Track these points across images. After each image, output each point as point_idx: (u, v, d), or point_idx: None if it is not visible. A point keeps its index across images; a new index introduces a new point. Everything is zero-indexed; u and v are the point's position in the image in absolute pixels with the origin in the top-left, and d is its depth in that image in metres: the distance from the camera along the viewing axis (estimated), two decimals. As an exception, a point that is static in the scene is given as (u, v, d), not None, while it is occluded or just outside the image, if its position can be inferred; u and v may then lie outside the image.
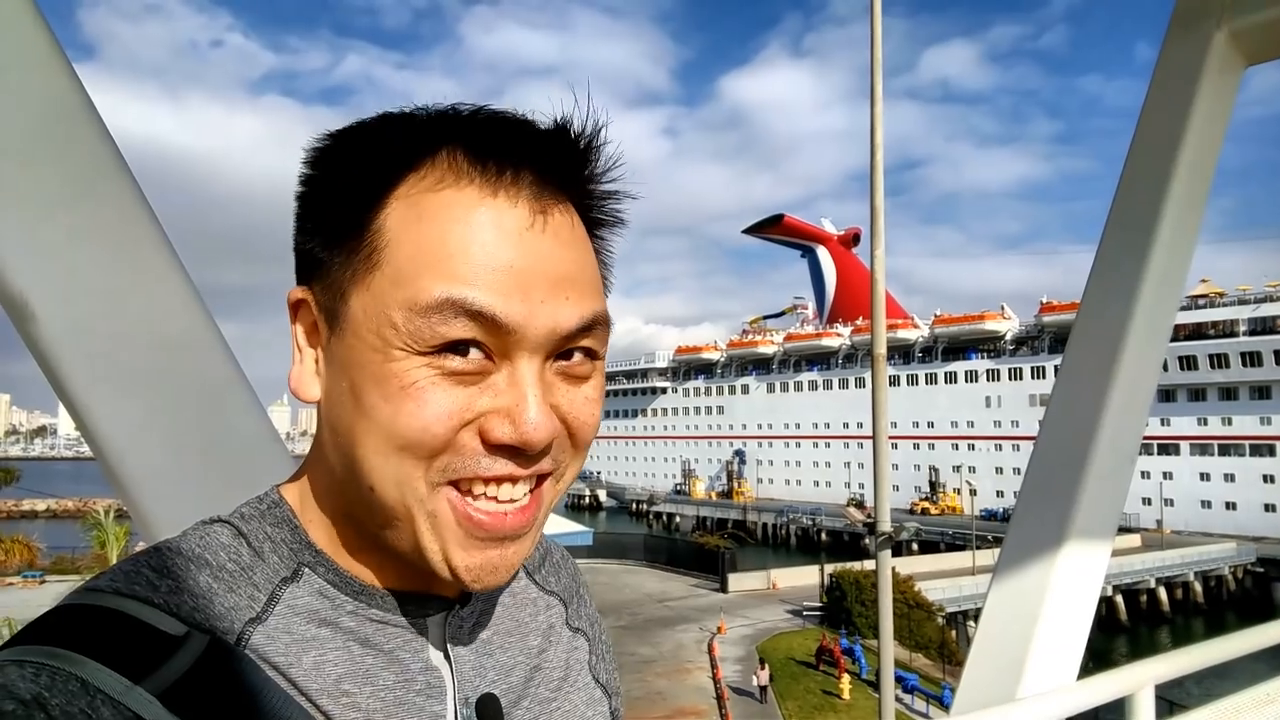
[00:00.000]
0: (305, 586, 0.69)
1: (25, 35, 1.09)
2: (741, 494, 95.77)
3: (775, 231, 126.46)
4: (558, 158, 0.67)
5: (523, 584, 0.86)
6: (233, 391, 1.24)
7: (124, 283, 1.15)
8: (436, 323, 0.61)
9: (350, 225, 0.65)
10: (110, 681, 0.55)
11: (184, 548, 0.67)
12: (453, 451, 0.64)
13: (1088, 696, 1.92)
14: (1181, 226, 2.36)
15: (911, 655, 31.32)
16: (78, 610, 0.60)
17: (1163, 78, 2.43)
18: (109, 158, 1.14)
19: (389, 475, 0.64)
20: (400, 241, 0.63)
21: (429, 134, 0.65)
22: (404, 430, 0.62)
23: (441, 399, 0.62)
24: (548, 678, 0.82)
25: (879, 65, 10.12)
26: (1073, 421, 2.27)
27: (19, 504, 71.76)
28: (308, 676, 0.65)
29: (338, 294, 0.66)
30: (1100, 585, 2.24)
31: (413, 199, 0.64)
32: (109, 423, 1.14)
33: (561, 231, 0.66)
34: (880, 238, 10.49)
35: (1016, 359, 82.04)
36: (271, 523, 0.72)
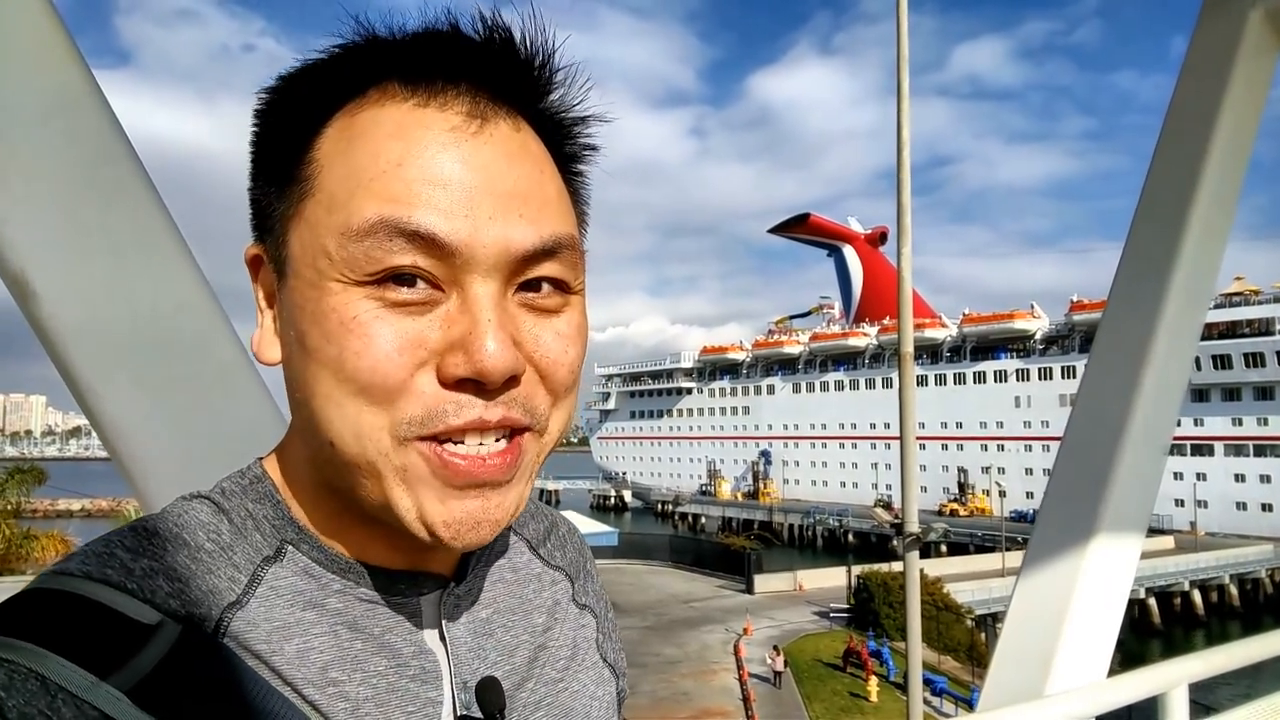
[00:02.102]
0: (289, 565, 0.64)
1: (35, 24, 1.09)
2: (767, 495, 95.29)
3: (801, 231, 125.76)
4: (496, 66, 0.62)
5: (525, 558, 0.81)
6: (242, 379, 1.24)
7: (133, 271, 1.15)
8: (372, 247, 0.56)
9: (289, 161, 0.62)
10: (74, 677, 0.51)
11: (160, 527, 0.62)
12: (412, 399, 0.58)
13: (1118, 694, 1.87)
14: (1213, 219, 2.30)
15: (940, 658, 31.02)
16: (43, 596, 0.55)
17: (1195, 62, 2.38)
18: (118, 146, 1.14)
19: (346, 427, 0.59)
20: (332, 165, 0.60)
21: (363, 62, 0.61)
22: (352, 371, 0.57)
23: (387, 333, 0.57)
24: (554, 657, 0.77)
25: (905, 62, 10.04)
26: (1100, 419, 2.22)
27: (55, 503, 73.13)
28: (292, 665, 0.60)
29: (280, 237, 0.62)
30: (1130, 584, 2.19)
31: (345, 122, 0.61)
32: (117, 411, 1.14)
33: (509, 144, 0.61)
34: (907, 236, 10.41)
35: (1047, 358, 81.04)
36: (254, 498, 0.67)
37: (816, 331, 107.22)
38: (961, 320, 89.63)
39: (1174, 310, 2.23)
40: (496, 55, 0.62)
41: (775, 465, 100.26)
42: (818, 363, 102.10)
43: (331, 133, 0.61)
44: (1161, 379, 2.21)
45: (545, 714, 0.74)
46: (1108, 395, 2.23)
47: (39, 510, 56.49)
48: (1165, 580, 50.58)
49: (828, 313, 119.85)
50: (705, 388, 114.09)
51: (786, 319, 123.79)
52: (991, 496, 74.60)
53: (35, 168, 1.09)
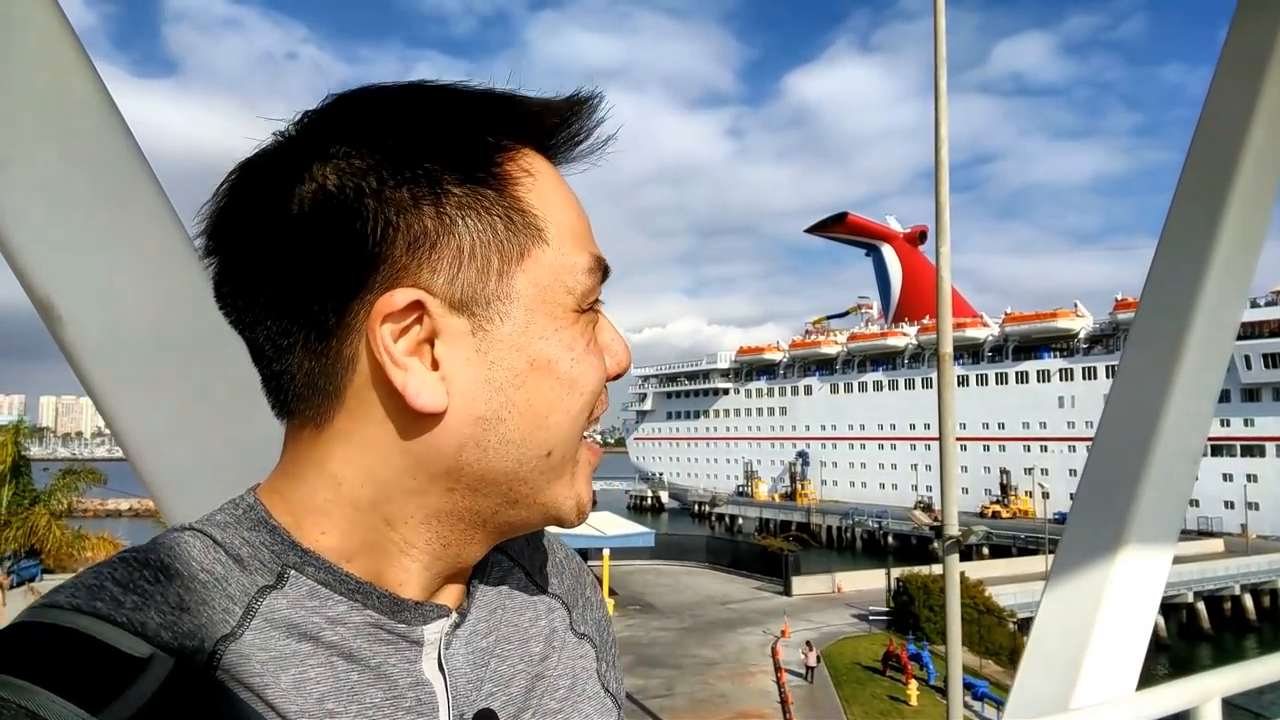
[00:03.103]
0: (290, 593, 0.64)
1: (46, 39, 1.11)
2: (805, 496, 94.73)
3: (839, 230, 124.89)
4: (586, 132, 0.71)
5: (522, 585, 0.81)
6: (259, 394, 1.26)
7: (148, 284, 1.17)
8: (593, 280, 0.68)
9: (507, 210, 0.66)
10: (65, 714, 0.50)
11: (152, 558, 0.62)
12: None
13: (1147, 708, 1.84)
14: (1249, 217, 2.25)
15: (981, 662, 30.61)
16: (31, 630, 0.55)
17: (1230, 58, 2.32)
18: (132, 159, 1.16)
19: (575, 433, 0.68)
20: (541, 207, 0.67)
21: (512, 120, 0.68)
22: (594, 384, 0.68)
23: (597, 347, 0.69)
24: (552, 687, 0.77)
25: (942, 61, 9.95)
26: (1132, 421, 2.18)
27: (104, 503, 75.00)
28: (287, 697, 0.60)
29: (485, 278, 0.64)
30: (1160, 592, 2.14)
31: (518, 170, 0.67)
32: (137, 425, 1.17)
33: None
34: (946, 234, 10.30)
35: (1091, 358, 79.61)
36: (249, 526, 0.66)
37: (855, 331, 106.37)
38: (1004, 319, 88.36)
39: (1208, 311, 2.18)
40: (585, 122, 0.71)
41: (813, 466, 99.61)
42: (856, 363, 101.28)
43: (527, 177, 0.67)
44: (1195, 382, 2.17)
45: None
46: (1139, 398, 2.19)
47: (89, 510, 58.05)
48: (1215, 584, 49.41)
49: (866, 313, 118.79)
50: (742, 388, 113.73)
51: (824, 319, 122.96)
52: (1034, 498, 73.38)
53: (57, 192, 1.11)
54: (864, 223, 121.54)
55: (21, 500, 19.88)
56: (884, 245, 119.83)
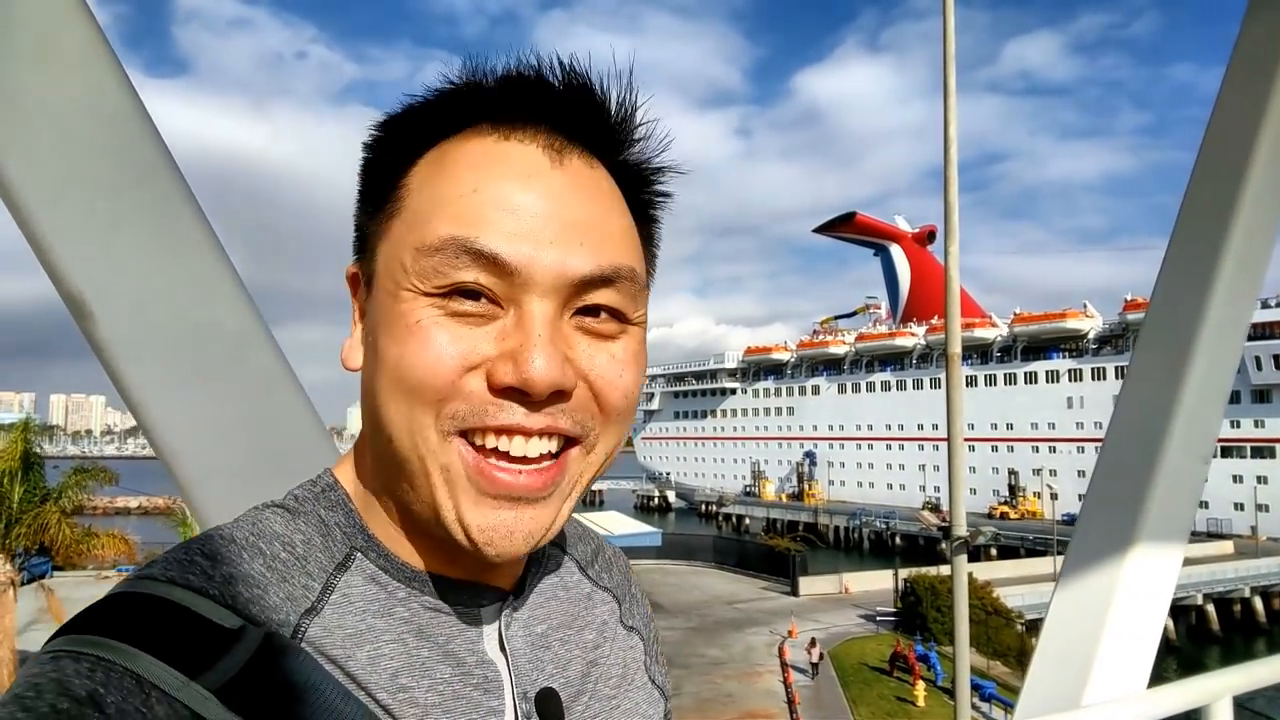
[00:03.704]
0: (358, 574, 0.67)
1: (75, 36, 1.13)
2: (812, 496, 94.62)
3: (847, 230, 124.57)
4: (573, 110, 0.67)
5: (575, 578, 0.84)
6: (284, 390, 1.28)
7: (178, 283, 1.19)
8: (440, 263, 0.62)
9: (385, 188, 0.68)
10: (166, 677, 0.54)
11: (237, 536, 0.66)
12: (459, 398, 0.63)
13: (1158, 706, 1.84)
14: (1261, 217, 2.25)
15: (989, 663, 30.53)
16: (131, 599, 0.58)
17: (1242, 57, 2.32)
18: (159, 157, 1.18)
19: (401, 422, 0.63)
20: (419, 190, 0.66)
21: (458, 105, 0.68)
22: (409, 371, 0.62)
23: (445, 339, 0.62)
24: (606, 674, 0.80)
25: (951, 60, 9.93)
26: (1142, 422, 2.18)
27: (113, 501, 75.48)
28: (364, 670, 0.63)
29: (371, 255, 0.69)
30: (1171, 594, 2.14)
31: (436, 154, 0.67)
32: (166, 421, 1.18)
33: (580, 178, 0.67)
34: (954, 234, 10.28)
35: (1100, 358, 79.28)
36: (326, 506, 0.71)
37: (862, 331, 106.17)
38: (1012, 320, 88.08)
39: (1219, 312, 2.18)
40: (573, 100, 0.67)
41: (820, 466, 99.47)
42: (864, 363, 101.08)
43: (424, 163, 0.67)
44: (1206, 382, 2.17)
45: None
46: (1150, 398, 2.19)
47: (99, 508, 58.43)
48: (1225, 586, 49.14)
49: (874, 312, 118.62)
50: (749, 388, 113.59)
51: (831, 319, 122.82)
52: (1043, 499, 73.26)
53: (89, 189, 1.13)
54: (872, 222, 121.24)
55: (33, 497, 19.98)
56: (892, 245, 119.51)
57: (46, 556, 28.50)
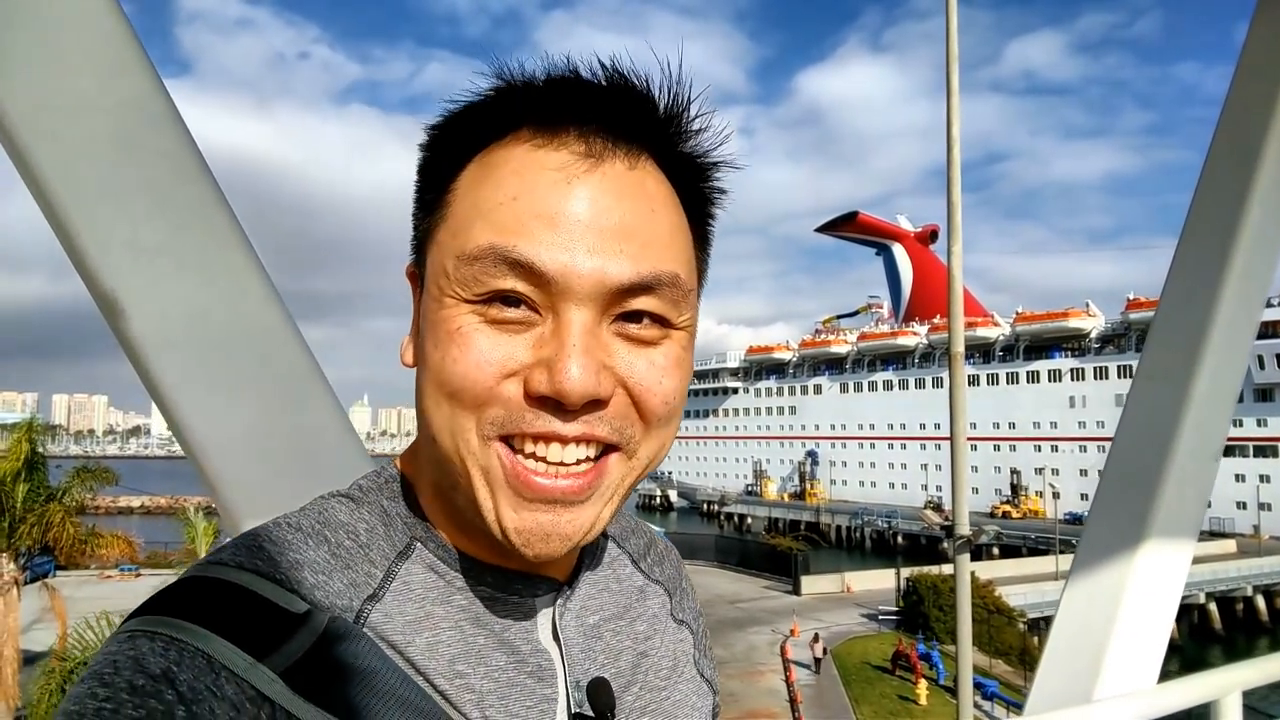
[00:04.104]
0: (418, 562, 0.69)
1: (109, 39, 1.14)
2: (814, 495, 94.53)
3: (849, 229, 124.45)
4: (612, 109, 0.67)
5: (628, 570, 0.86)
6: (313, 389, 1.29)
7: (209, 282, 1.21)
8: (480, 271, 0.62)
9: (436, 192, 0.69)
10: (234, 658, 0.56)
11: (303, 524, 0.68)
12: (498, 403, 0.63)
13: (1168, 700, 1.85)
14: (1270, 217, 2.26)
15: (991, 662, 30.53)
16: (202, 583, 0.61)
17: (1251, 57, 2.33)
18: (191, 158, 1.20)
19: (444, 424, 0.65)
20: (464, 196, 0.66)
21: (502, 109, 0.67)
22: (449, 376, 0.63)
23: (483, 345, 0.63)
24: (656, 665, 0.81)
25: (954, 60, 9.93)
26: (1151, 421, 2.19)
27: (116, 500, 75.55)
28: (424, 656, 0.65)
29: (423, 257, 0.70)
30: (1180, 591, 2.15)
31: (482, 160, 0.67)
32: (196, 420, 1.20)
33: (621, 182, 0.65)
34: (957, 234, 10.28)
35: (1102, 357, 79.23)
36: (389, 496, 0.73)
37: (865, 331, 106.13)
38: (1015, 319, 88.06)
39: (1228, 311, 2.19)
40: (613, 99, 0.67)
41: (822, 466, 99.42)
42: (866, 362, 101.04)
43: (471, 168, 0.67)
44: (1215, 381, 2.18)
45: (650, 719, 0.78)
46: (1159, 398, 2.20)
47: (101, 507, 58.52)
48: (1227, 585, 49.11)
49: (876, 312, 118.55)
50: (751, 387, 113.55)
51: (834, 318, 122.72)
52: (1045, 498, 73.20)
53: (122, 190, 1.15)
54: (875, 222, 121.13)
55: (37, 497, 20.00)
56: (895, 244, 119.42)
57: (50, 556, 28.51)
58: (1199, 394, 2.15)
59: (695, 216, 0.73)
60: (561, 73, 0.67)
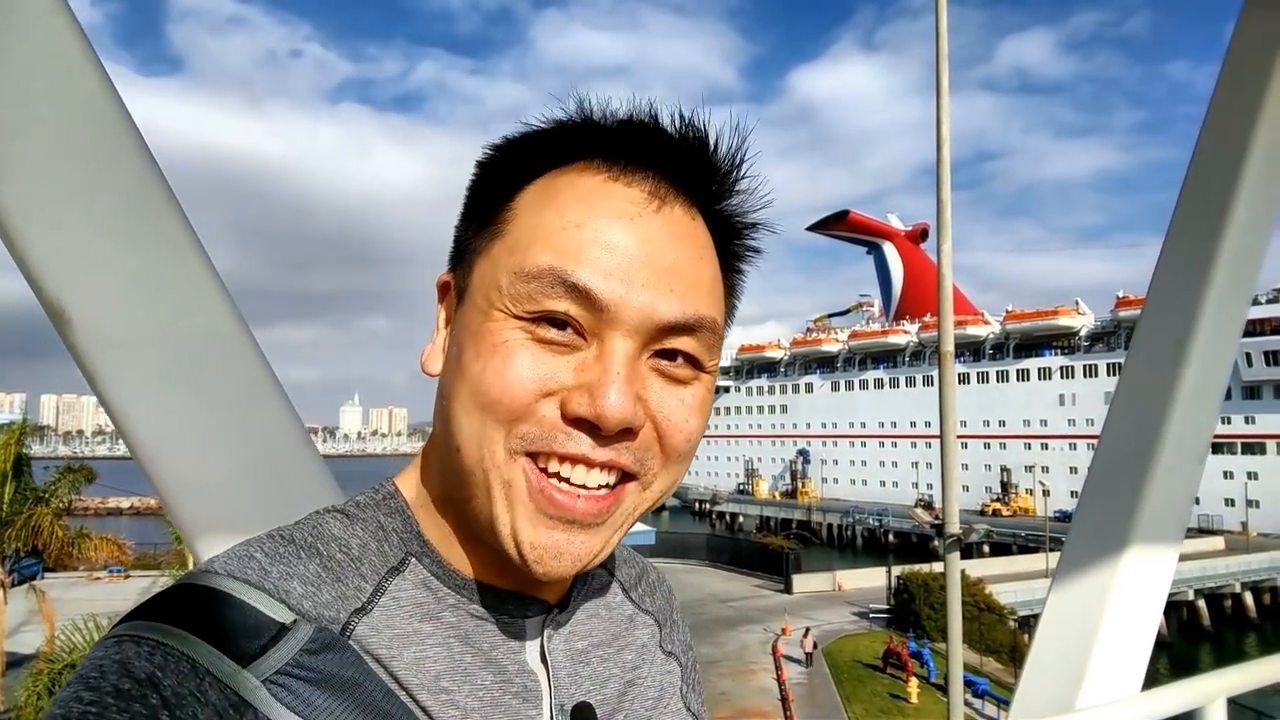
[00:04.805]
0: (410, 578, 0.70)
1: (55, 40, 1.10)
2: (806, 494, 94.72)
3: (840, 228, 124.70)
4: (684, 161, 0.70)
5: (619, 599, 0.87)
6: (266, 394, 1.26)
7: (158, 287, 1.16)
8: (535, 289, 0.65)
9: (493, 208, 0.71)
10: (219, 664, 0.57)
11: (296, 536, 0.69)
12: (532, 420, 0.65)
13: (1153, 708, 1.83)
14: (1256, 215, 2.24)
15: (982, 659, 30.62)
16: (191, 590, 0.62)
17: (1237, 54, 2.31)
18: (142, 160, 1.16)
19: (471, 434, 0.66)
20: (525, 215, 0.68)
21: (574, 139, 0.71)
22: (488, 387, 0.65)
23: (527, 361, 0.64)
24: (643, 695, 0.81)
25: (944, 58, 9.92)
26: (1138, 419, 2.17)
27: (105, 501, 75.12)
28: (409, 671, 0.66)
29: (469, 269, 0.71)
30: (1167, 590, 2.13)
31: (546, 183, 0.70)
32: (146, 427, 1.16)
33: (678, 227, 0.69)
34: (947, 232, 10.27)
35: (1092, 355, 79.57)
36: (386, 512, 0.73)
37: (856, 329, 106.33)
38: (1005, 317, 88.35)
39: (1214, 310, 2.17)
40: (685, 149, 0.70)
41: (814, 464, 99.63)
42: (857, 361, 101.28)
43: (533, 189, 0.70)
44: (1201, 381, 2.15)
45: None
46: (1145, 397, 2.18)
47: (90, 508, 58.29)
48: (1216, 582, 49.35)
49: (867, 310, 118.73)
50: (743, 386, 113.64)
51: (825, 317, 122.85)
52: (1035, 496, 73.39)
53: (68, 194, 1.11)
54: (866, 220, 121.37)
55: (24, 498, 19.87)
56: (885, 243, 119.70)
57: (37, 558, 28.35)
58: (1185, 392, 2.13)
59: (726, 269, 0.75)
60: (641, 115, 0.70)
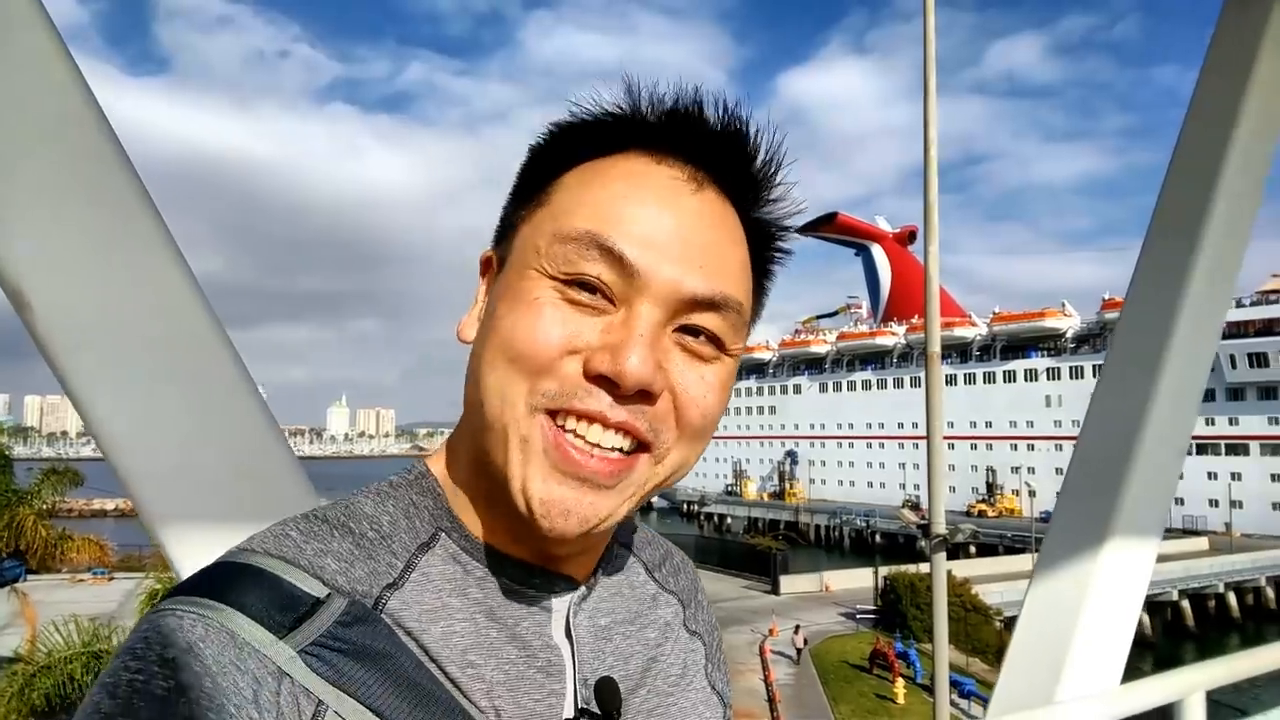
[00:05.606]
0: (440, 553, 0.73)
1: (21, 30, 1.10)
2: (794, 495, 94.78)
3: (829, 230, 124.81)
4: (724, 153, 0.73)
5: (642, 579, 0.88)
6: (235, 387, 1.25)
7: (125, 278, 1.16)
8: (571, 251, 0.68)
9: (539, 185, 0.74)
10: (257, 634, 0.61)
11: (330, 515, 0.72)
12: (554, 376, 0.67)
13: (1131, 701, 1.84)
14: (1235, 216, 2.26)
15: (968, 659, 30.71)
16: (230, 568, 0.66)
17: (1216, 58, 2.33)
18: (108, 149, 1.15)
19: (495, 387, 0.69)
20: (570, 188, 0.72)
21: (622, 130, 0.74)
22: (515, 340, 0.68)
23: (556, 318, 0.67)
24: (665, 672, 0.83)
25: (932, 61, 9.95)
26: (1117, 418, 2.19)
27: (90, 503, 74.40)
28: (437, 644, 0.68)
29: (510, 240, 0.75)
30: (1145, 586, 2.15)
31: (591, 165, 0.73)
32: (110, 416, 1.16)
33: (714, 210, 0.72)
34: (934, 234, 10.29)
35: (1078, 357, 79.97)
36: (417, 491, 0.76)
37: (844, 331, 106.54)
38: (992, 319, 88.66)
39: (1193, 311, 2.19)
40: (726, 144, 0.74)
41: (802, 465, 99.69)
42: (845, 362, 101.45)
43: (578, 170, 0.73)
44: (1179, 381, 2.17)
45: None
46: (1124, 397, 2.20)
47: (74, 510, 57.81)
48: (1199, 582, 49.63)
49: (855, 312, 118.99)
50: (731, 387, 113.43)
51: (813, 318, 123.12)
52: (1021, 497, 73.75)
53: (34, 182, 1.10)
54: (854, 222, 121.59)
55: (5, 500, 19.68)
56: (873, 245, 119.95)
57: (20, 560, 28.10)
58: (1164, 391, 2.14)
59: (757, 269, 0.78)
60: (685, 106, 0.73)
